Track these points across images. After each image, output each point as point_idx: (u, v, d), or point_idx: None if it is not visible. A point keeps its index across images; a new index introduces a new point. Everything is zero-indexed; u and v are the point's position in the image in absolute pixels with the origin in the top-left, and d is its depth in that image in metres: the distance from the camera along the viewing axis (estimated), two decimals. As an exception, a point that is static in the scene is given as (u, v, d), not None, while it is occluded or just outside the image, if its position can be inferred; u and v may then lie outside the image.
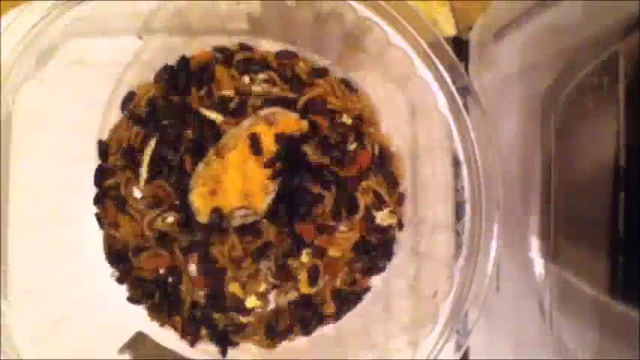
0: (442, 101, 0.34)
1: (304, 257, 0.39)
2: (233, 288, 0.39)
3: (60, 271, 0.37)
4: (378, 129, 0.41)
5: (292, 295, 0.40)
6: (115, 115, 0.40)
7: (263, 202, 0.37)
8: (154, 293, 0.40)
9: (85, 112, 0.39)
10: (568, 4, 0.31)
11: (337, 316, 0.41)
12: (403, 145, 0.40)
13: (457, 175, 0.35)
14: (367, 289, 0.41)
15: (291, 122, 0.38)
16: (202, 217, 0.37)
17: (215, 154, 0.37)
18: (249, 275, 0.39)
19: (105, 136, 0.40)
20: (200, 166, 0.37)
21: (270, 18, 0.37)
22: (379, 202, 0.40)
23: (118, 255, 0.40)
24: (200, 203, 0.37)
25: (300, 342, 0.41)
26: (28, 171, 0.36)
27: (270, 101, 0.39)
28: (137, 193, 0.39)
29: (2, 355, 0.33)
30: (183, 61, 0.39)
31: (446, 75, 0.33)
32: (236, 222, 0.38)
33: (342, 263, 0.40)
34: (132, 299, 0.40)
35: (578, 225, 0.31)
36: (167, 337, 0.40)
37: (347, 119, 0.39)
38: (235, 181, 0.37)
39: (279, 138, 0.37)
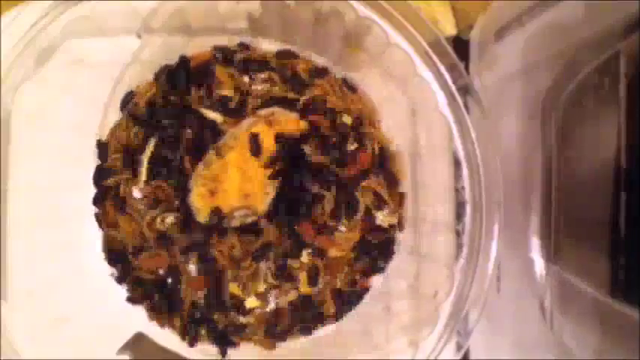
0: (442, 101, 0.34)
1: (304, 257, 0.39)
2: (232, 289, 0.39)
3: (60, 271, 0.37)
4: (378, 129, 0.40)
5: (292, 296, 0.40)
6: (115, 115, 0.40)
7: (263, 202, 0.37)
8: (154, 294, 0.39)
9: (85, 112, 0.39)
10: (569, 4, 0.31)
11: (337, 316, 0.40)
12: (403, 145, 0.39)
13: (457, 175, 0.34)
14: (367, 290, 0.41)
15: (290, 122, 0.38)
16: (202, 217, 0.37)
17: (215, 154, 0.37)
18: (249, 275, 0.39)
19: (105, 136, 0.40)
20: (200, 167, 0.37)
21: (270, 18, 0.37)
22: (379, 202, 0.39)
23: (117, 255, 0.40)
24: (200, 203, 0.37)
25: (300, 342, 0.41)
26: (28, 171, 0.36)
27: (270, 101, 0.39)
28: (137, 194, 0.39)
29: (2, 355, 0.33)
30: (183, 60, 0.39)
31: (446, 75, 0.33)
32: (235, 222, 0.37)
33: (342, 263, 0.40)
34: (131, 300, 0.40)
35: (579, 225, 0.31)
36: (167, 338, 0.40)
37: (347, 119, 0.39)
38: (235, 181, 0.37)
39: (278, 138, 0.37)
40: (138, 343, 0.39)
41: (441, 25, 0.43)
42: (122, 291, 0.40)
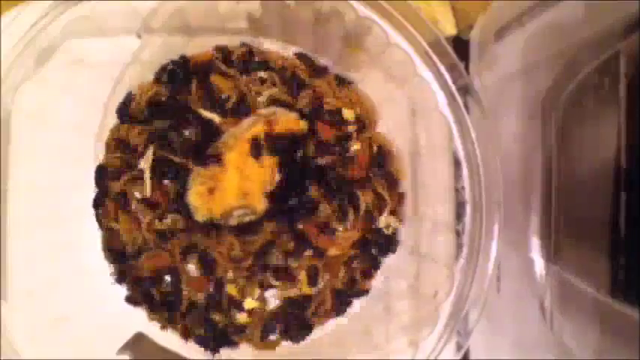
0: (442, 101, 0.34)
1: (304, 257, 0.39)
2: (230, 290, 0.39)
3: (60, 271, 0.37)
4: (376, 129, 0.40)
5: (292, 295, 0.40)
6: (115, 115, 0.40)
7: (261, 201, 0.37)
8: (153, 294, 0.39)
9: (85, 112, 0.39)
10: (569, 3, 0.31)
11: (337, 315, 0.41)
12: (403, 145, 0.39)
13: (457, 175, 0.34)
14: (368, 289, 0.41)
15: (290, 122, 0.38)
16: (200, 216, 0.37)
17: (214, 153, 0.37)
18: (248, 276, 0.39)
19: (104, 136, 0.40)
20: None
21: (270, 18, 0.37)
22: (379, 202, 0.39)
23: (117, 256, 0.40)
24: (198, 202, 0.37)
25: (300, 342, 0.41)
26: (28, 171, 0.36)
27: (269, 101, 0.39)
28: (138, 194, 0.39)
29: (2, 355, 0.33)
30: (183, 60, 0.39)
31: (446, 75, 0.33)
32: (233, 221, 0.37)
33: (342, 262, 0.40)
34: (131, 300, 0.40)
35: (579, 225, 0.31)
36: (167, 338, 0.40)
37: (349, 113, 0.39)
38: (234, 180, 0.37)
39: (278, 138, 0.37)
40: (138, 343, 0.39)
41: (441, 25, 0.43)
42: (122, 291, 0.40)
